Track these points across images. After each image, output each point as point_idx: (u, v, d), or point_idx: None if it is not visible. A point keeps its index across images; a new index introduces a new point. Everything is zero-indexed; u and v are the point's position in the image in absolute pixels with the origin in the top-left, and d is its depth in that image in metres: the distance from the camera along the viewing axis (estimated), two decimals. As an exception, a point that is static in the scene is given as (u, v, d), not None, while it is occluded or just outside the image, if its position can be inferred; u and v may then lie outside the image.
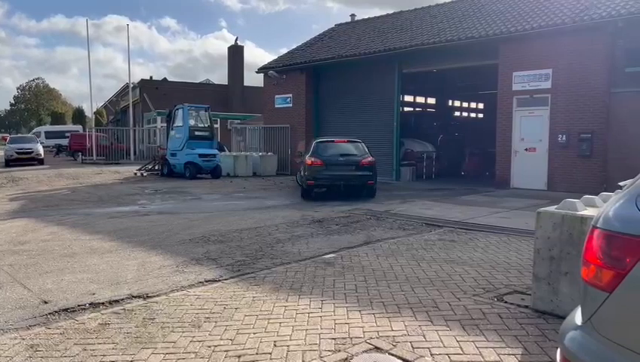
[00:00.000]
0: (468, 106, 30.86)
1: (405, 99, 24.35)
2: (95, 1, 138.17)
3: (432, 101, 28.01)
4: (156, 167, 22.62)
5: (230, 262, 6.73)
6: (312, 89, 22.71)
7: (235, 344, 4.06)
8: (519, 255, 6.98)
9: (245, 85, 42.10)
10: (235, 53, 42.71)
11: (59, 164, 28.56)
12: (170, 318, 4.66)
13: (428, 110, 28.36)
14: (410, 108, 27.25)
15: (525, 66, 15.33)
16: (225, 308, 4.89)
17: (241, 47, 44.25)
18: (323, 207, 11.93)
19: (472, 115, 31.22)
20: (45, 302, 5.19)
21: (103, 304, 5.13)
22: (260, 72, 24.81)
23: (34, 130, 52.91)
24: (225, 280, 5.92)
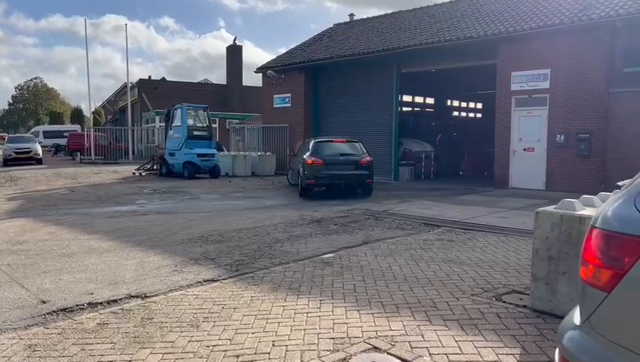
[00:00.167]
0: (467, 106, 30.90)
1: (404, 99, 24.37)
2: (93, 1, 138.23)
3: (430, 101, 28.02)
4: (155, 167, 22.60)
5: (229, 262, 6.72)
6: (311, 89, 22.72)
7: (234, 344, 4.06)
8: (518, 255, 6.98)
9: (244, 85, 42.13)
10: (234, 52, 42.75)
11: (57, 163, 28.53)
12: (169, 318, 4.65)
13: (426, 110, 28.36)
14: (409, 108, 27.25)
15: (524, 66, 15.34)
16: (223, 308, 4.89)
17: (240, 47, 44.34)
18: (321, 207, 11.93)
19: (471, 115, 31.25)
20: (43, 302, 5.18)
21: (101, 304, 5.13)
22: (259, 71, 24.82)
23: (32, 129, 52.83)
24: (223, 279, 5.91)
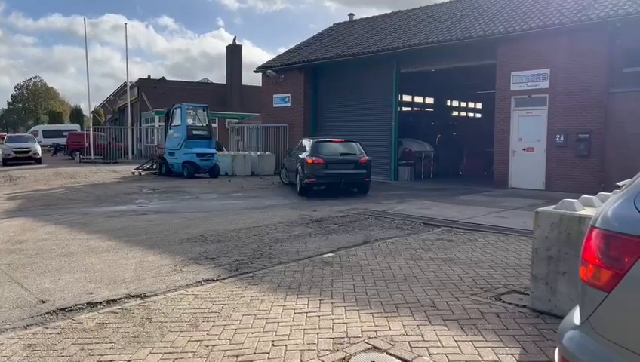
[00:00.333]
0: (466, 106, 30.88)
1: (403, 98, 24.35)
2: (92, 0, 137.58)
3: (430, 101, 28.00)
4: (154, 166, 22.60)
5: (228, 262, 6.72)
6: (311, 88, 22.72)
7: (233, 343, 4.06)
8: (517, 255, 6.98)
9: (243, 84, 42.13)
10: (234, 52, 42.73)
11: (56, 163, 28.52)
12: (168, 318, 4.65)
13: (426, 110, 28.34)
14: (409, 108, 27.23)
15: (523, 66, 15.34)
16: (223, 308, 4.89)
17: (240, 47, 44.34)
18: (321, 207, 11.93)
19: (471, 115, 31.24)
20: (43, 302, 5.18)
21: (100, 303, 5.12)
22: (259, 71, 24.81)
23: (31, 129, 52.78)
24: (223, 279, 5.91)
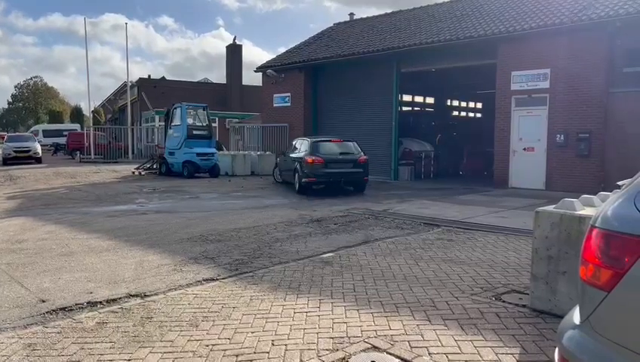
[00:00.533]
0: (466, 106, 30.88)
1: (404, 98, 24.35)
2: (92, 0, 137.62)
3: (430, 100, 28.00)
4: (154, 166, 22.59)
5: (228, 261, 6.72)
6: (311, 88, 22.72)
7: (233, 343, 4.06)
8: (517, 254, 6.98)
9: (243, 84, 42.11)
10: (234, 52, 42.72)
11: (57, 162, 28.52)
12: (168, 317, 4.65)
13: (426, 109, 28.34)
14: (409, 108, 27.24)
15: (524, 66, 15.34)
16: (223, 307, 4.89)
17: (240, 46, 44.33)
18: (321, 206, 11.93)
19: (471, 115, 31.24)
20: (43, 301, 5.18)
21: (100, 303, 5.12)
22: (259, 71, 24.82)
23: (32, 128, 52.78)
24: (223, 279, 5.91)
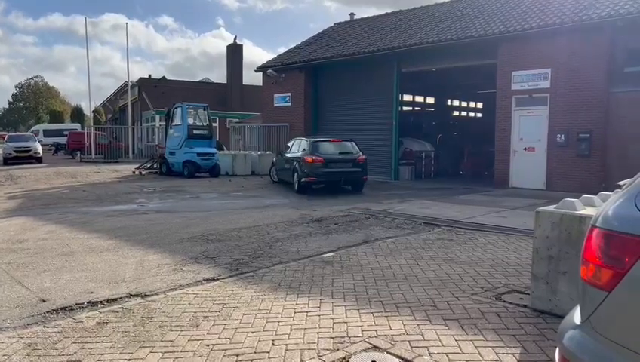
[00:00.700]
0: (467, 106, 30.86)
1: (404, 98, 24.34)
2: (92, 0, 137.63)
3: (431, 100, 27.99)
4: (155, 166, 22.60)
5: (229, 261, 6.72)
6: (311, 88, 22.72)
7: (233, 343, 4.06)
8: (518, 254, 6.98)
9: (244, 84, 42.11)
10: (234, 51, 42.72)
11: (57, 162, 28.53)
12: (169, 317, 4.65)
13: (427, 109, 28.34)
14: (409, 108, 27.23)
15: (524, 66, 15.33)
16: (223, 307, 4.89)
17: (240, 46, 44.33)
18: (321, 206, 11.93)
19: (471, 115, 31.22)
20: (43, 301, 5.18)
21: (101, 302, 5.13)
22: (259, 70, 24.82)
23: (32, 128, 52.76)
24: (223, 278, 5.91)
